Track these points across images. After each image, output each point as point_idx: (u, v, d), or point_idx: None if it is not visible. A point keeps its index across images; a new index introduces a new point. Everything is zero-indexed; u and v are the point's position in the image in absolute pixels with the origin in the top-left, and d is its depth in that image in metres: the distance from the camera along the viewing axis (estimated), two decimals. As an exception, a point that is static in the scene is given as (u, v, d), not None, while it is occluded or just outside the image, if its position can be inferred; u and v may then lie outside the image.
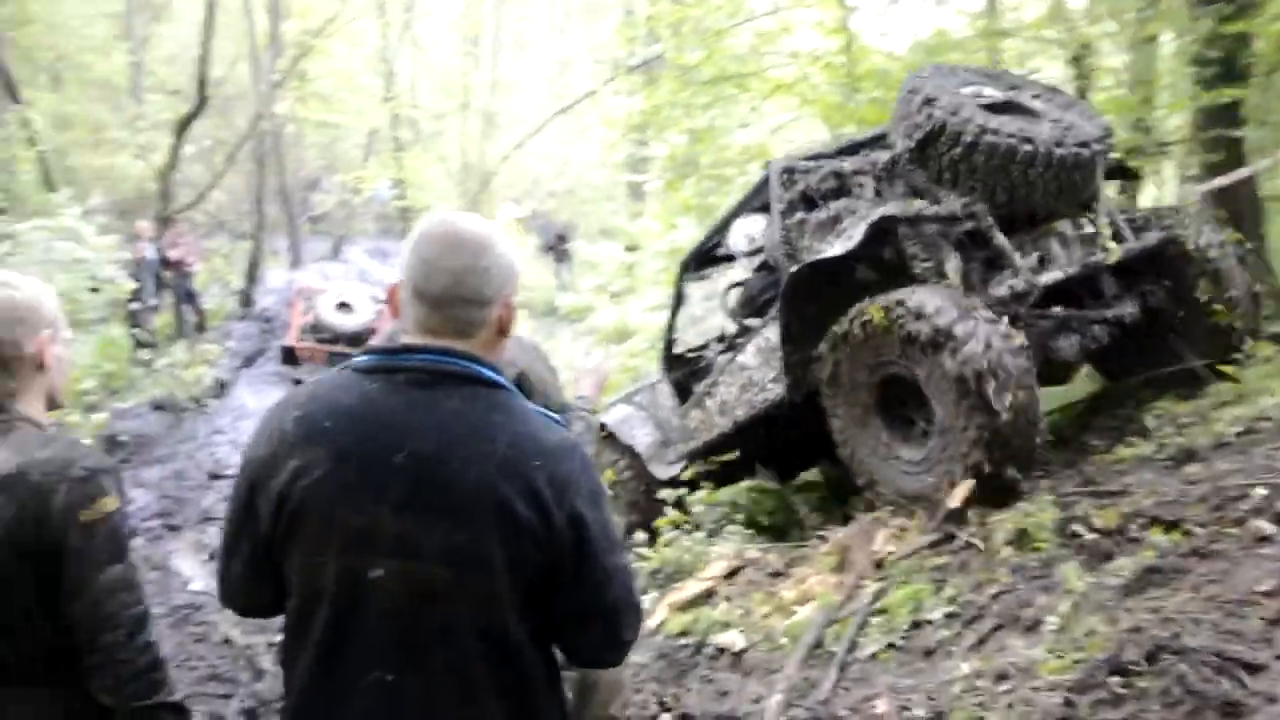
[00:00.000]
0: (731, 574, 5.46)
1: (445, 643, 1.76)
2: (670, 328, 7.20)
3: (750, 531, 6.06)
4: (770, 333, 5.63)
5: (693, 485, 6.28)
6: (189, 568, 7.94)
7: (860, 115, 8.90)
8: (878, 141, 5.90)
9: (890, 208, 5.01)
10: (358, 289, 17.78)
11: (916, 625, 4.10)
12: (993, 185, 4.93)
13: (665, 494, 6.19)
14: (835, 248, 4.93)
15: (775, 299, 5.62)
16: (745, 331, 6.12)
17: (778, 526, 6.53)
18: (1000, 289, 4.89)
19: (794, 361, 5.40)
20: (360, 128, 24.11)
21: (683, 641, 4.95)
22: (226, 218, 24.46)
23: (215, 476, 10.09)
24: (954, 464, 4.58)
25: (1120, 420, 5.62)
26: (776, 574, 5.32)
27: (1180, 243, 5.39)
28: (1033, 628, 3.60)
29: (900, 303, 4.62)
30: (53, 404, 2.29)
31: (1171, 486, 4.17)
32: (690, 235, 12.15)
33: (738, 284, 6.54)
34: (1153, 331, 5.52)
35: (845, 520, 5.74)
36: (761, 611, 4.91)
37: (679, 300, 7.13)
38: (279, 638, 6.18)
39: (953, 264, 5.02)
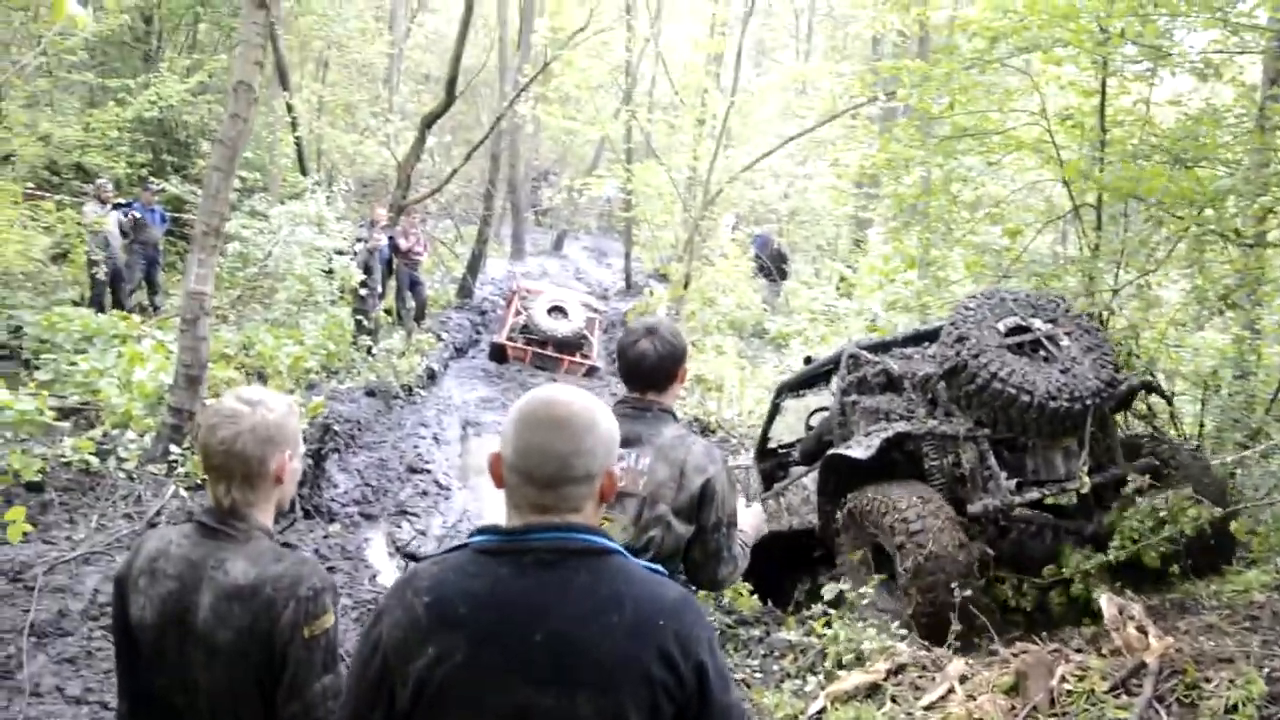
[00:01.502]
0: (897, 670, 5.30)
1: None
2: (766, 429, 8.58)
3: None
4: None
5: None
6: (379, 560, 8.30)
7: (1103, 184, 8.45)
8: (936, 335, 7.04)
9: (904, 425, 6.25)
10: (572, 296, 18.24)
11: (1085, 777, 3.88)
12: (995, 419, 6.09)
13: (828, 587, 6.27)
14: (859, 451, 6.11)
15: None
16: (819, 453, 7.13)
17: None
18: (977, 507, 5.95)
19: (825, 509, 6.68)
20: (594, 131, 24.62)
21: (842, 738, 4.83)
22: (455, 205, 25.41)
23: (413, 470, 10.49)
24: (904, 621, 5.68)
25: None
26: (946, 681, 5.13)
27: (1157, 471, 6.14)
28: (1206, 816, 3.34)
29: (888, 497, 5.88)
30: (280, 510, 2.52)
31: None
32: (910, 288, 11.91)
33: (821, 409, 7.90)
34: None
35: (1028, 634, 5.51)
36: (925, 721, 4.74)
37: (775, 411, 8.52)
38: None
39: (967, 463, 6.12)
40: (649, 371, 3.37)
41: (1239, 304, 8.28)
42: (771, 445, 8.60)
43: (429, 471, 10.60)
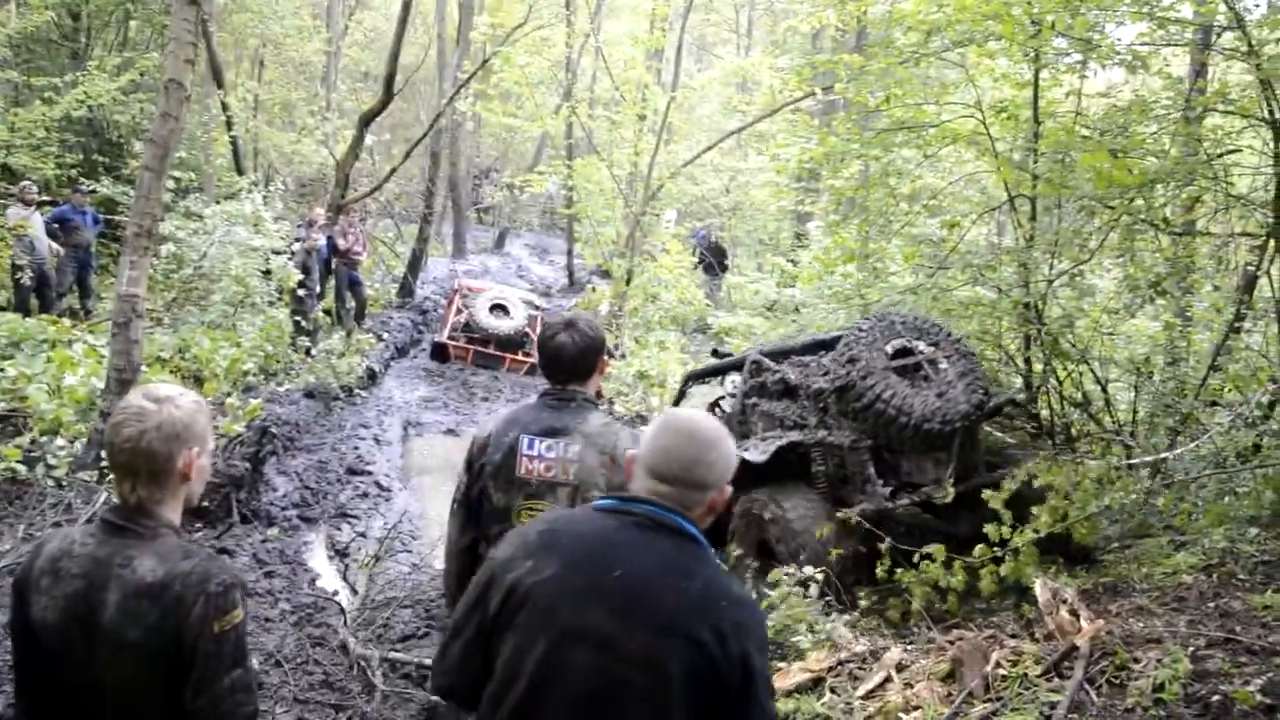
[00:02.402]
0: (838, 663, 5.33)
1: None
2: None
3: (863, 616, 5.91)
4: None
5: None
6: (318, 564, 8.18)
7: (1036, 175, 8.54)
8: (833, 344, 7.63)
9: (797, 435, 7.01)
10: (514, 293, 18.15)
11: (1020, 761, 3.92)
12: (876, 433, 6.68)
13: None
14: (754, 455, 6.69)
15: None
16: None
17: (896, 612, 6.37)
18: (855, 508, 6.50)
19: None
20: (535, 128, 24.52)
21: (783, 732, 4.84)
22: (395, 204, 25.20)
23: (353, 472, 10.36)
24: None
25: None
26: (883, 670, 5.17)
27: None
28: (1140, 795, 3.39)
29: (775, 499, 6.63)
30: (188, 506, 2.50)
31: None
32: (849, 281, 11.97)
33: (720, 400, 8.56)
34: None
35: (965, 619, 5.58)
36: (865, 712, 4.77)
37: (682, 396, 9.26)
38: (392, 654, 6.24)
39: (850, 469, 6.78)
40: (569, 363, 3.49)
41: (1169, 291, 8.45)
42: None
43: (369, 473, 10.47)
